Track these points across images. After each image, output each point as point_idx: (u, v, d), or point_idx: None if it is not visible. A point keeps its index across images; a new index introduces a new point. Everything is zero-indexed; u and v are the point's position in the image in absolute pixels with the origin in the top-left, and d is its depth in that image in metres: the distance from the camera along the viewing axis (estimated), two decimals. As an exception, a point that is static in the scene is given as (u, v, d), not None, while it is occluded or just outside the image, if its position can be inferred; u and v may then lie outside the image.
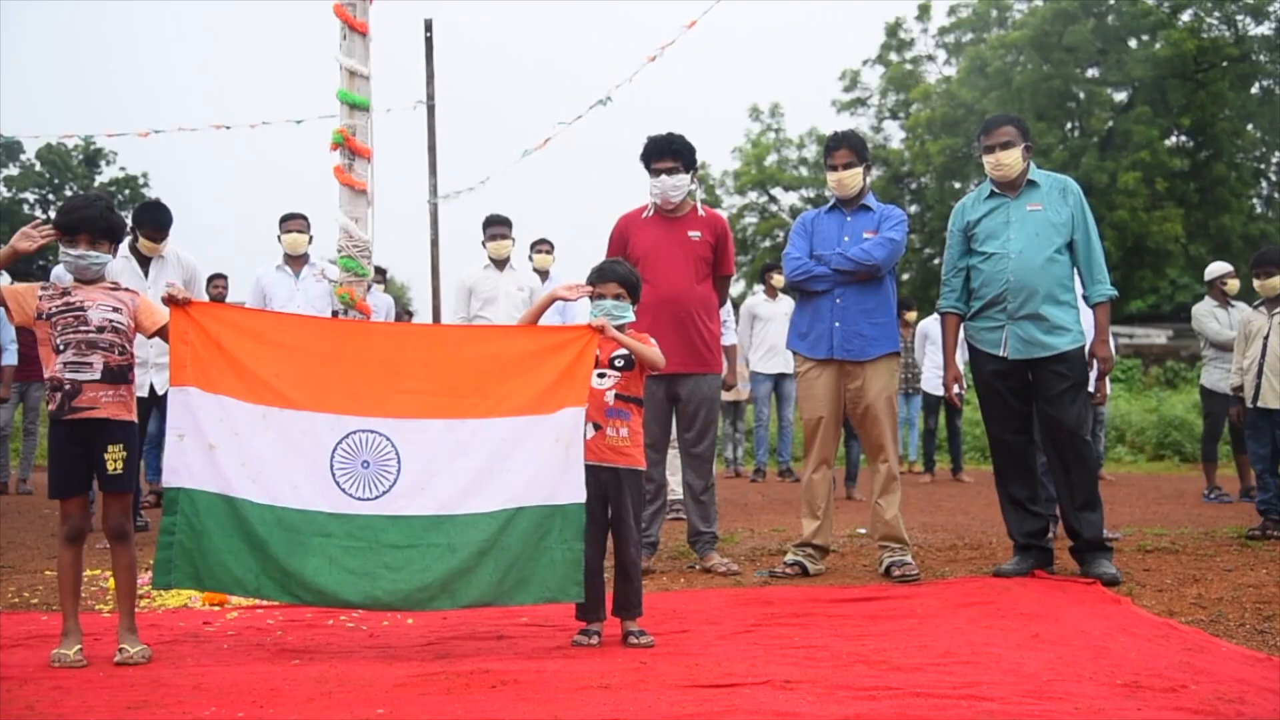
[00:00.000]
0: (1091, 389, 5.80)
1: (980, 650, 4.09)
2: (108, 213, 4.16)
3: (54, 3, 63.52)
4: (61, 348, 4.05)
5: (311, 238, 8.19)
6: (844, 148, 5.98)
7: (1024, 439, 5.78)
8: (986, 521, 7.99)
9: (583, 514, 4.23)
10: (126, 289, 4.30)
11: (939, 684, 3.61)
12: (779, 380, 11.56)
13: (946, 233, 6.03)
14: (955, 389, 6.04)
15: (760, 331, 11.42)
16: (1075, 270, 5.68)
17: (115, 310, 4.14)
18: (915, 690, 3.53)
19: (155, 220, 7.06)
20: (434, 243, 10.03)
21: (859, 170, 5.95)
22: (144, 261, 7.05)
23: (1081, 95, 27.26)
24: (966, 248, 5.81)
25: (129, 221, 6.94)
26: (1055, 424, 5.58)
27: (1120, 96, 27.80)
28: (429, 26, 9.86)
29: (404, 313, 14.68)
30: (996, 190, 5.74)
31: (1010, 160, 5.64)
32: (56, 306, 4.08)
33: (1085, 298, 5.72)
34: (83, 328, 4.06)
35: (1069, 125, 28.23)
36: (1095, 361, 5.72)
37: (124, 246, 7.15)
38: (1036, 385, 5.65)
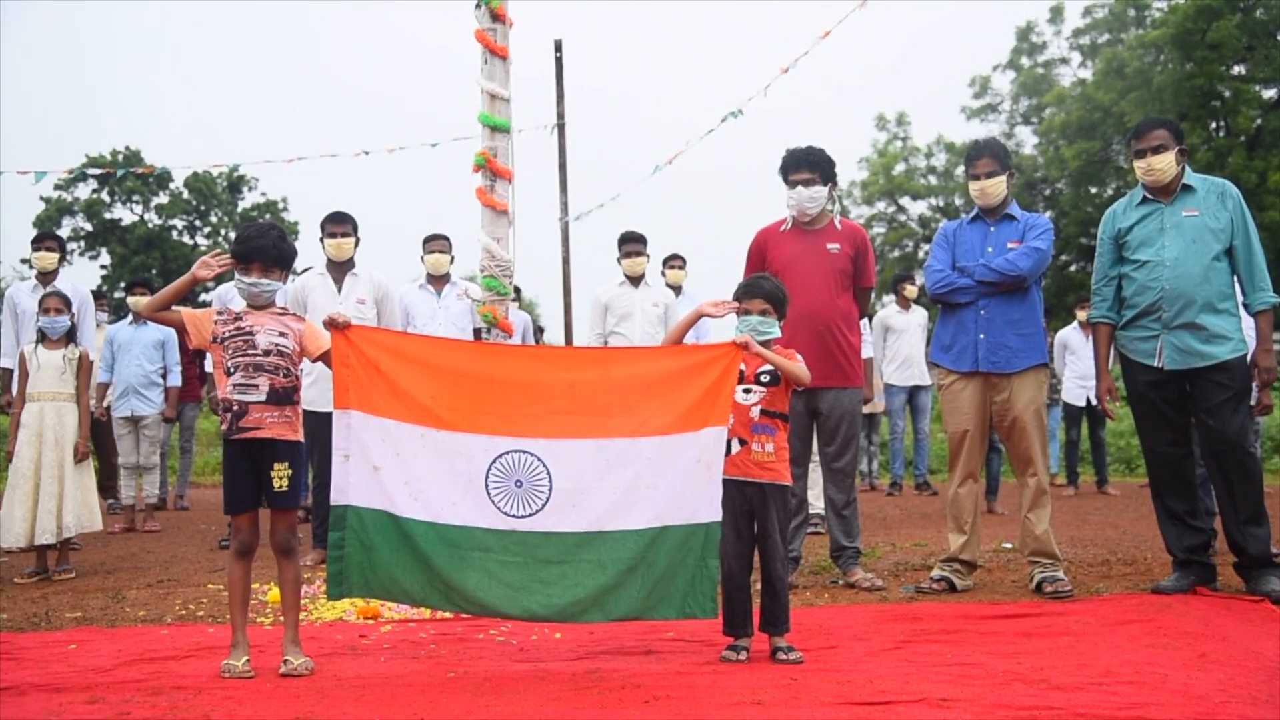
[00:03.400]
0: (1252, 400, 5.57)
1: (1144, 670, 3.96)
2: (279, 242, 4.36)
3: (202, 40, 66.47)
4: (231, 370, 4.24)
5: (453, 258, 8.37)
6: (986, 156, 5.87)
7: (1181, 451, 5.57)
8: (1138, 536, 7.73)
9: (719, 530, 4.25)
10: (293, 314, 4.49)
11: (1103, 705, 3.51)
12: (914, 392, 11.42)
13: (1096, 240, 5.86)
14: (1108, 400, 5.86)
15: (894, 343, 11.28)
16: (1235, 277, 5.46)
17: (282, 335, 4.32)
18: (1078, 711, 3.44)
19: (334, 214, 7.32)
20: (565, 260, 10.15)
21: (1002, 179, 5.84)
22: (338, 279, 7.29)
23: (1227, 93, 26.22)
24: (1118, 255, 5.64)
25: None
26: (1216, 436, 5.37)
27: (1269, 93, 26.67)
28: (559, 47, 10.01)
29: (537, 329, 14.87)
30: (1149, 196, 5.57)
31: (1163, 165, 5.46)
32: (229, 331, 4.28)
33: (1246, 305, 5.49)
34: (250, 351, 4.25)
35: (1214, 124, 27.19)
36: (1256, 371, 5.49)
37: (319, 264, 7.43)
38: (1194, 396, 5.45)
